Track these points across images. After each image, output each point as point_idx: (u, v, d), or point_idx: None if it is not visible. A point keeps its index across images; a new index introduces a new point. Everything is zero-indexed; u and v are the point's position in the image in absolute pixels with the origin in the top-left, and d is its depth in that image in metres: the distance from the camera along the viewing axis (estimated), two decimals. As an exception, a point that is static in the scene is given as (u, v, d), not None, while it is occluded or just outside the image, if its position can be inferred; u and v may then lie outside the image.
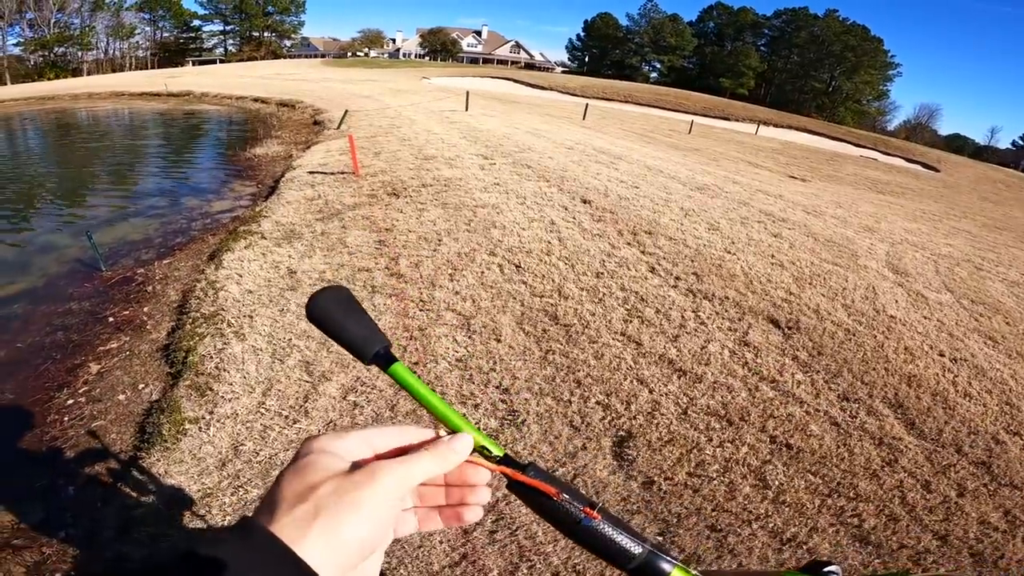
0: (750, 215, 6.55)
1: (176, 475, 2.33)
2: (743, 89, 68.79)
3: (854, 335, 3.78)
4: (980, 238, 8.39)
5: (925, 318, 4.27)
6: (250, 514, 0.35)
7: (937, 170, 28.58)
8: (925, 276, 5.31)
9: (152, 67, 55.41)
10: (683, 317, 3.79)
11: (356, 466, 0.37)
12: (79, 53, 53.75)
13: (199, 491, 2.25)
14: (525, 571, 1.97)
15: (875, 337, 3.80)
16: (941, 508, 2.40)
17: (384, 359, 0.48)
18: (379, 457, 0.40)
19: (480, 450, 0.46)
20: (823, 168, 16.78)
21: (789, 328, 3.77)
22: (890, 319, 4.12)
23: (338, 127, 11.91)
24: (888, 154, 32.48)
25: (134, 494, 2.27)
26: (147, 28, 62.13)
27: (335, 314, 0.48)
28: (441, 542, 2.05)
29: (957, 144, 78.43)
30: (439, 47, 74.45)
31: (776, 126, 35.62)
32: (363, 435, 0.41)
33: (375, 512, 0.35)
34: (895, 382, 3.30)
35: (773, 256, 5.10)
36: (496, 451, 0.47)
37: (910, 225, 8.15)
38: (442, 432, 0.45)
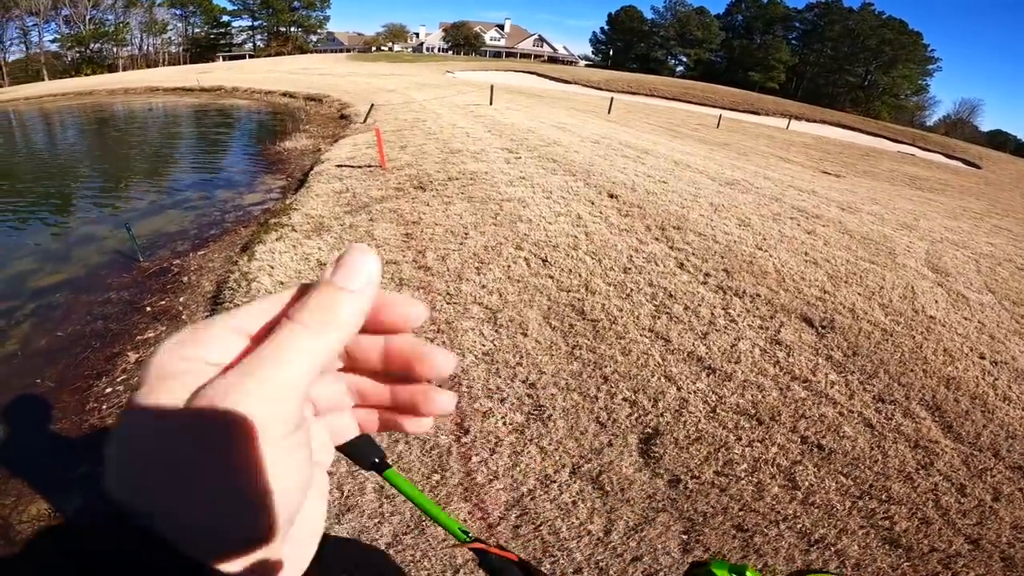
0: (782, 211, 6.40)
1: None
2: (773, 83, 67.22)
3: (891, 335, 3.68)
4: (1023, 237, 8.06)
5: (966, 319, 4.13)
6: None
7: (979, 167, 27.54)
8: (966, 276, 5.13)
9: (184, 62, 56.84)
10: (713, 314, 3.74)
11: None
12: (114, 49, 55.39)
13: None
14: (548, 566, 1.97)
15: (913, 338, 3.68)
16: (975, 512, 2.34)
17: (380, 467, 0.59)
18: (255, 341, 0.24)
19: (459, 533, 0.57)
20: (858, 164, 16.30)
21: (823, 327, 3.68)
22: (929, 319, 3.99)
23: (364, 121, 12.04)
24: (927, 150, 31.43)
25: None
26: (179, 24, 63.72)
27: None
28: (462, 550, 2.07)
29: (999, 140, 75.40)
30: (462, 41, 74.52)
31: (808, 120, 34.73)
32: (231, 322, 0.24)
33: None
34: (933, 384, 3.20)
35: (807, 253, 4.98)
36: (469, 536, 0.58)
37: (950, 223, 7.88)
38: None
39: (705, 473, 2.41)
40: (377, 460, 0.63)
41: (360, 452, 0.64)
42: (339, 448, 0.56)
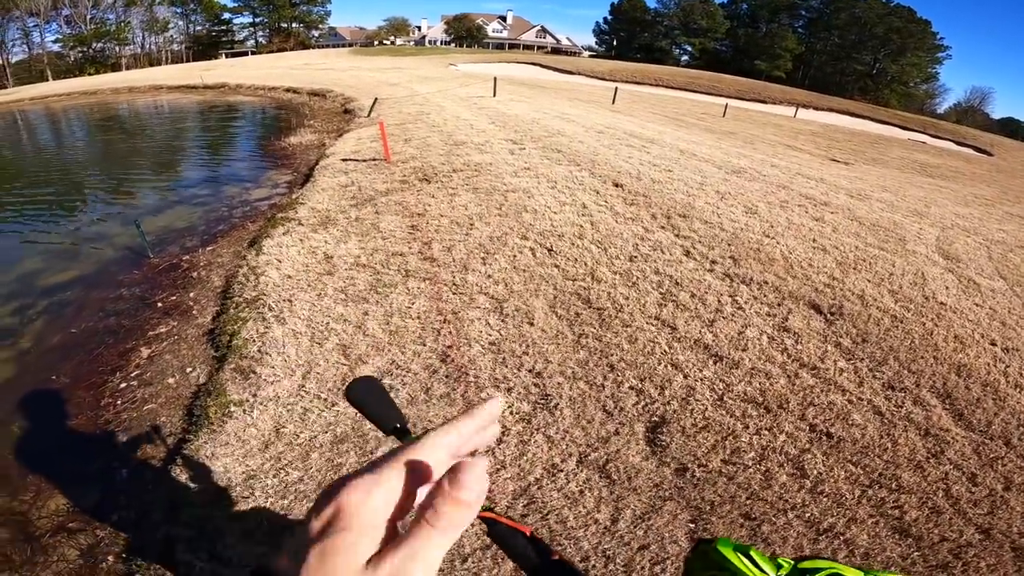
0: (790, 198, 6.34)
1: (222, 457, 2.40)
2: (779, 71, 66.38)
3: (901, 322, 3.64)
4: (1036, 223, 7.95)
5: (977, 305, 4.08)
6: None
7: (990, 154, 27.20)
8: (977, 262, 5.07)
9: (187, 60, 56.87)
10: (719, 302, 3.72)
11: (379, 553, 0.29)
12: (116, 48, 55.45)
13: (243, 473, 2.32)
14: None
15: (923, 324, 3.65)
16: (986, 502, 2.31)
17: (400, 432, 0.58)
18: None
19: None
20: (867, 151, 16.11)
21: (832, 314, 3.65)
22: (940, 306, 3.95)
23: (368, 115, 12.02)
24: (938, 137, 31.06)
25: (183, 476, 2.35)
26: (180, 22, 63.67)
27: (365, 397, 0.60)
28: (472, 525, 2.07)
29: (1011, 128, 74.27)
30: (464, 33, 74.11)
31: (816, 109, 34.36)
32: (398, 470, 0.32)
33: None
34: (944, 371, 3.17)
35: (815, 240, 4.94)
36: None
37: (961, 210, 7.78)
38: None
39: (712, 461, 2.41)
40: (399, 425, 0.59)
41: (379, 413, 0.61)
42: (355, 404, 0.57)
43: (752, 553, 0.51)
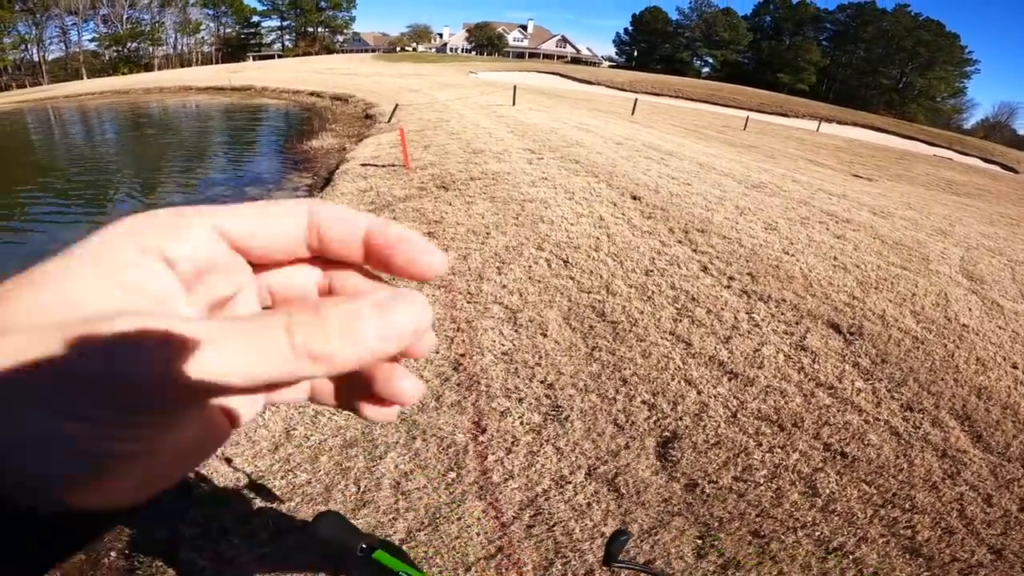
0: (811, 215, 6.27)
1: (232, 457, 2.41)
2: (803, 85, 65.83)
3: (922, 343, 3.58)
4: (1066, 245, 7.73)
5: (1000, 328, 4.00)
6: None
7: (1017, 171, 26.59)
8: (1002, 283, 4.95)
9: (216, 62, 58.23)
10: (736, 318, 3.68)
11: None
12: (150, 48, 56.98)
13: (252, 473, 2.33)
14: (560, 567, 1.97)
15: (945, 346, 3.58)
16: (1000, 522, 2.28)
17: (369, 551, 0.62)
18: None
19: None
20: (891, 167, 15.87)
21: (851, 334, 3.60)
22: (962, 328, 3.87)
23: (388, 120, 12.17)
24: (964, 154, 30.48)
25: (192, 475, 2.34)
26: (211, 24, 65.29)
27: (330, 530, 0.65)
28: (478, 534, 2.07)
29: (1041, 144, 72.59)
30: (485, 42, 74.88)
31: (839, 123, 33.97)
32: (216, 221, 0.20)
33: None
34: (964, 393, 3.11)
35: (835, 258, 4.87)
36: None
37: (987, 229, 7.61)
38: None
39: (723, 478, 2.38)
40: (364, 546, 0.59)
41: (339, 541, 0.60)
42: (312, 534, 0.57)
43: None
